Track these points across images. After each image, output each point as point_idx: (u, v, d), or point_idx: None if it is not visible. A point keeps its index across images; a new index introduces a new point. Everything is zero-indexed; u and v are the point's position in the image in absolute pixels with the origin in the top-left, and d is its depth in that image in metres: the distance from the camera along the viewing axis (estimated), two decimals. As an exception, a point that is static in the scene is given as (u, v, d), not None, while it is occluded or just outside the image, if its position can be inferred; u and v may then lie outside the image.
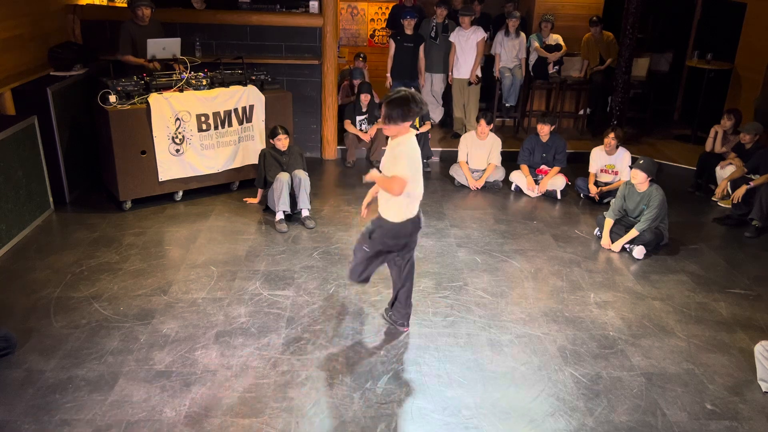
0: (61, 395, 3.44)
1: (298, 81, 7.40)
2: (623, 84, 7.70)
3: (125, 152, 5.63)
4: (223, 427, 3.25)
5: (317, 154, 7.71)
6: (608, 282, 4.90)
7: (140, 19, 6.21)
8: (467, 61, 7.87)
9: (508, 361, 3.88)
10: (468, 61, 7.87)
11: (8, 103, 5.54)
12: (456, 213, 6.11)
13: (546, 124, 6.60)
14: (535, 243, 5.52)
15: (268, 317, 4.24)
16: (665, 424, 3.39)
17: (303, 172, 5.69)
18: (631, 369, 3.84)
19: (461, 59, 7.90)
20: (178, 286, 4.59)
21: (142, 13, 6.18)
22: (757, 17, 7.70)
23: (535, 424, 3.36)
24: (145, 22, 6.23)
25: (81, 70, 6.24)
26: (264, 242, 5.33)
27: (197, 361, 3.76)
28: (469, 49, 7.81)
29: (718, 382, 3.75)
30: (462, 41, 7.82)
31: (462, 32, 7.82)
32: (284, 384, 3.59)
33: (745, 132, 6.40)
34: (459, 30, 7.84)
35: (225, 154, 6.14)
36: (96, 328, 4.06)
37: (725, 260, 5.34)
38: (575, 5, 8.62)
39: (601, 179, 6.51)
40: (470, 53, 7.83)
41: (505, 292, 4.68)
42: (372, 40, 11.85)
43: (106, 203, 6.01)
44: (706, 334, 4.25)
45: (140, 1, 6.12)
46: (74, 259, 4.94)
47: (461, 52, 7.86)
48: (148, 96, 5.64)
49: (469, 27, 7.77)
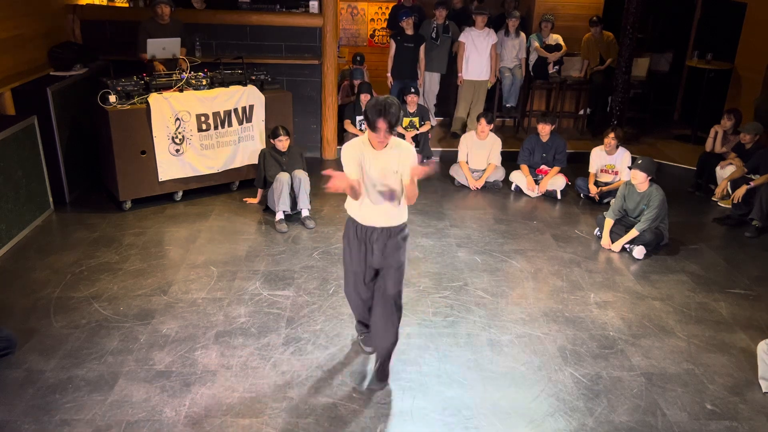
0: (61, 395, 3.44)
1: (298, 81, 7.40)
2: (623, 84, 7.70)
3: (125, 152, 5.62)
4: (223, 427, 3.25)
5: (317, 154, 7.71)
6: (608, 282, 4.90)
7: (159, 18, 6.22)
8: (481, 62, 7.77)
9: (508, 361, 3.87)
10: (482, 62, 7.76)
11: (8, 103, 5.54)
12: (456, 213, 6.11)
13: (546, 123, 6.60)
14: (535, 243, 5.52)
15: (268, 317, 4.24)
16: (665, 424, 3.39)
17: (303, 172, 5.69)
18: (631, 369, 3.83)
19: (473, 60, 7.78)
20: (178, 286, 4.59)
21: (161, 11, 6.19)
22: (757, 17, 7.70)
23: (535, 424, 3.36)
24: (165, 20, 6.24)
25: (81, 70, 6.24)
26: (264, 242, 5.33)
27: (197, 361, 3.75)
28: (484, 50, 7.72)
29: (718, 382, 3.75)
30: (476, 41, 7.70)
31: (475, 32, 7.71)
32: (284, 384, 3.59)
33: (745, 132, 6.40)
34: (471, 30, 7.73)
35: (225, 154, 6.14)
36: (96, 328, 4.06)
37: (725, 260, 5.34)
38: (575, 5, 8.62)
39: (601, 179, 6.51)
40: (484, 54, 7.74)
41: (505, 292, 4.68)
42: (372, 40, 11.85)
43: (106, 203, 6.01)
44: (706, 334, 4.25)
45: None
46: (74, 259, 4.94)
47: (474, 53, 7.73)
48: (148, 96, 5.64)
49: (483, 28, 7.68)
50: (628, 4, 7.42)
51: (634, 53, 7.73)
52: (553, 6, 8.57)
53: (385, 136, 3.25)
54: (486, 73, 7.87)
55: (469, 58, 7.80)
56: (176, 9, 6.50)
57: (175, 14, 6.36)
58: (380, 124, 3.18)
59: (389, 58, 7.86)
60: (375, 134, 3.23)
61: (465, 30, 7.82)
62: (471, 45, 7.74)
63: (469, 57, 7.80)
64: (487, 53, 7.78)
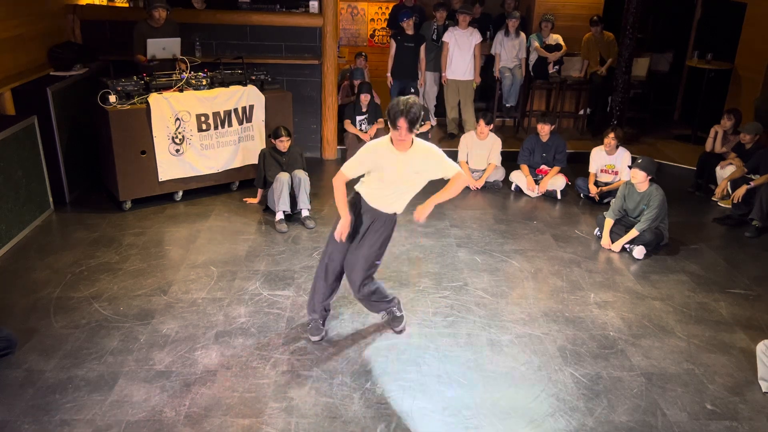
0: (61, 395, 3.44)
1: (298, 81, 7.40)
2: (623, 84, 7.70)
3: (125, 152, 5.63)
4: (223, 427, 3.25)
5: (317, 154, 7.71)
6: (608, 282, 4.90)
7: (155, 21, 6.19)
8: (464, 61, 7.74)
9: (508, 361, 3.87)
10: (465, 61, 7.73)
11: (8, 103, 5.54)
12: (456, 213, 6.11)
13: (546, 123, 6.60)
14: (535, 243, 5.52)
15: (268, 317, 4.24)
16: (665, 424, 3.39)
17: (303, 172, 5.69)
18: (631, 369, 3.83)
19: (456, 59, 7.74)
20: (178, 286, 4.59)
21: (158, 15, 6.14)
22: (757, 17, 7.69)
23: (535, 424, 3.36)
24: (160, 23, 6.21)
25: (81, 70, 6.24)
26: (264, 242, 5.33)
27: (197, 361, 3.75)
28: (467, 50, 7.69)
29: (718, 382, 3.75)
30: (459, 41, 7.67)
31: (458, 32, 7.67)
32: (284, 384, 3.59)
33: (745, 132, 6.40)
34: (455, 29, 7.70)
35: (225, 154, 6.14)
36: (96, 328, 4.06)
37: (725, 260, 5.34)
38: (575, 5, 8.61)
39: (601, 179, 6.51)
40: (467, 54, 7.71)
41: (505, 292, 4.68)
42: (372, 40, 11.85)
43: (106, 203, 6.01)
44: (706, 334, 4.25)
45: (157, 3, 6.08)
46: (74, 259, 4.94)
47: (457, 52, 7.70)
48: (148, 96, 5.64)
49: (466, 27, 7.64)
50: (628, 4, 7.42)
51: (634, 53, 7.73)
52: (553, 6, 8.57)
53: (405, 135, 3.43)
54: (470, 73, 7.82)
55: (453, 58, 7.76)
56: (174, 9, 6.47)
57: (170, 15, 6.31)
58: (401, 123, 3.38)
59: (389, 58, 7.85)
60: (396, 132, 3.42)
61: (448, 29, 7.78)
62: (454, 44, 7.70)
63: (453, 57, 7.76)
64: (470, 53, 7.73)
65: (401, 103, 3.39)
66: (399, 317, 4.11)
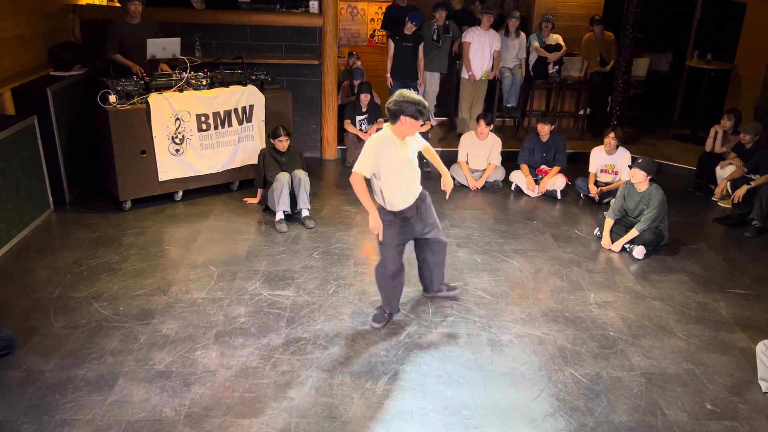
0: (61, 395, 3.44)
1: (298, 81, 7.40)
2: (623, 84, 7.70)
3: (125, 152, 5.63)
4: (223, 427, 3.25)
5: (317, 154, 7.71)
6: (608, 282, 4.90)
7: (131, 16, 6.08)
8: (483, 62, 7.84)
9: (508, 361, 3.87)
10: (484, 62, 7.85)
11: (8, 103, 5.54)
12: (456, 213, 6.11)
13: (546, 123, 6.61)
14: (535, 243, 5.52)
15: (268, 317, 4.24)
16: (665, 424, 3.39)
17: (303, 172, 5.69)
18: (631, 369, 3.83)
19: (476, 60, 7.83)
20: (178, 286, 4.59)
21: (134, 9, 6.03)
22: (757, 17, 7.70)
23: (535, 424, 3.36)
24: (136, 19, 6.10)
25: (81, 70, 6.23)
26: (264, 242, 5.33)
27: (197, 361, 3.76)
28: (486, 50, 7.79)
29: (718, 382, 3.75)
30: (481, 42, 7.76)
31: (479, 32, 7.76)
32: (284, 384, 3.59)
33: (745, 132, 6.40)
34: (476, 29, 7.78)
35: (225, 154, 6.14)
36: (96, 328, 4.06)
37: (725, 260, 5.34)
38: (575, 5, 8.61)
39: (601, 179, 6.51)
40: (487, 54, 7.82)
41: (505, 292, 4.68)
42: (372, 40, 11.85)
43: (106, 203, 6.01)
44: (706, 334, 4.25)
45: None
46: (74, 259, 4.94)
47: (479, 52, 7.80)
48: (147, 96, 5.64)
49: (488, 28, 7.74)
50: (628, 4, 7.42)
51: (634, 53, 7.73)
52: (553, 6, 8.57)
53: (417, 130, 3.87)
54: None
55: (473, 58, 7.85)
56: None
57: (147, 12, 6.22)
58: (419, 121, 3.79)
59: (388, 58, 7.84)
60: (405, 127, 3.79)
61: (469, 30, 7.86)
62: (476, 44, 7.80)
63: (473, 57, 7.85)
64: (489, 53, 7.83)
65: (418, 102, 3.73)
66: (453, 287, 4.60)
